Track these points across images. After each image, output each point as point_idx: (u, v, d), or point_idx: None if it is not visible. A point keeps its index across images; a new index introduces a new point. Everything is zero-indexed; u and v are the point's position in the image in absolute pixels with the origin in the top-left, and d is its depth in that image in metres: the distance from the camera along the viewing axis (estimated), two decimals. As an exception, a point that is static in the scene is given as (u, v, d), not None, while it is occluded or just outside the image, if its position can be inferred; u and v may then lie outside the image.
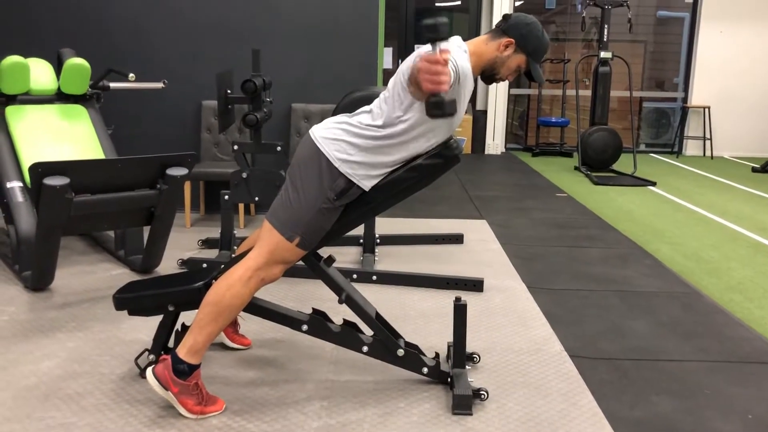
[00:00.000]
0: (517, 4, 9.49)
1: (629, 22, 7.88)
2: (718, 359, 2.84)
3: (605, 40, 7.79)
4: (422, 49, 2.12)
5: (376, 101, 2.30)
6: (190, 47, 5.01)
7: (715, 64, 9.47)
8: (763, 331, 3.20)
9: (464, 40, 2.29)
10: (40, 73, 3.97)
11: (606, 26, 7.77)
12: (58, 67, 4.09)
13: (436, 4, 9.65)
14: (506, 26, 2.29)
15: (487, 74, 2.33)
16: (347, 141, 2.23)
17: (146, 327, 2.95)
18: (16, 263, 3.56)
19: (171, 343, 2.52)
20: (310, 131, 2.30)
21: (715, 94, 9.52)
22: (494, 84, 2.42)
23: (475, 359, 2.71)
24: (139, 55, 4.98)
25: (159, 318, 2.50)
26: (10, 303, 3.25)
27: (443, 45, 1.79)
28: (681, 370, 2.73)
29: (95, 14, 4.93)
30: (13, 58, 3.71)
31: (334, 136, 2.24)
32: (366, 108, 2.30)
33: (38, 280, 3.34)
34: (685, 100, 9.71)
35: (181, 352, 2.23)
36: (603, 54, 7.77)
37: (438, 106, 1.81)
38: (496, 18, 8.77)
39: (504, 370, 2.67)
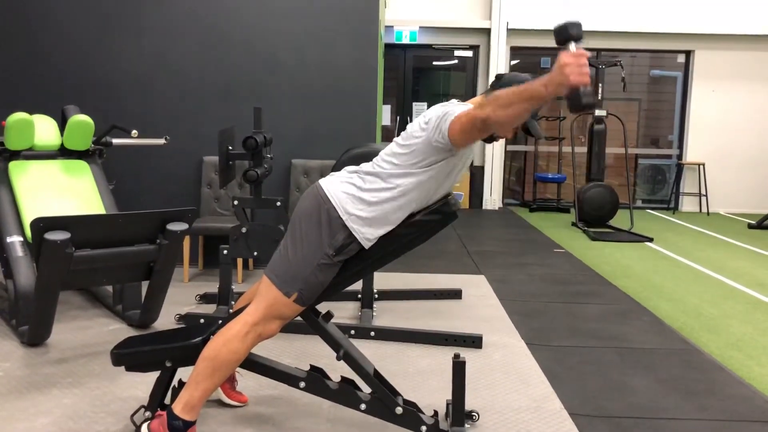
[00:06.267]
0: (513, 62, 9.70)
1: (623, 81, 8.06)
2: (720, 418, 2.81)
3: (600, 98, 7.95)
4: (449, 106, 2.16)
5: (381, 157, 2.31)
6: (193, 104, 5.11)
7: (709, 121, 9.64)
8: (763, 389, 3.17)
9: (463, 97, 2.34)
10: (44, 130, 4.03)
11: (600, 85, 7.95)
12: (62, 124, 4.15)
13: (434, 63, 9.86)
14: (500, 86, 2.34)
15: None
16: (358, 197, 2.24)
17: (143, 383, 2.93)
18: (13, 318, 3.56)
19: (168, 400, 2.50)
20: (316, 184, 2.30)
21: (709, 150, 9.66)
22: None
23: (474, 417, 2.68)
24: (142, 111, 5.07)
25: (156, 374, 2.48)
26: (5, 359, 3.22)
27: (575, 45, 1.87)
28: (682, 429, 2.70)
29: (99, 72, 5.05)
30: (19, 115, 3.77)
31: (346, 190, 2.26)
32: (373, 164, 2.32)
33: (35, 334, 3.33)
34: (680, 156, 9.84)
35: (177, 408, 2.21)
36: (598, 112, 7.92)
37: (584, 96, 1.85)
38: (492, 76, 8.94)
39: (503, 428, 2.64)
